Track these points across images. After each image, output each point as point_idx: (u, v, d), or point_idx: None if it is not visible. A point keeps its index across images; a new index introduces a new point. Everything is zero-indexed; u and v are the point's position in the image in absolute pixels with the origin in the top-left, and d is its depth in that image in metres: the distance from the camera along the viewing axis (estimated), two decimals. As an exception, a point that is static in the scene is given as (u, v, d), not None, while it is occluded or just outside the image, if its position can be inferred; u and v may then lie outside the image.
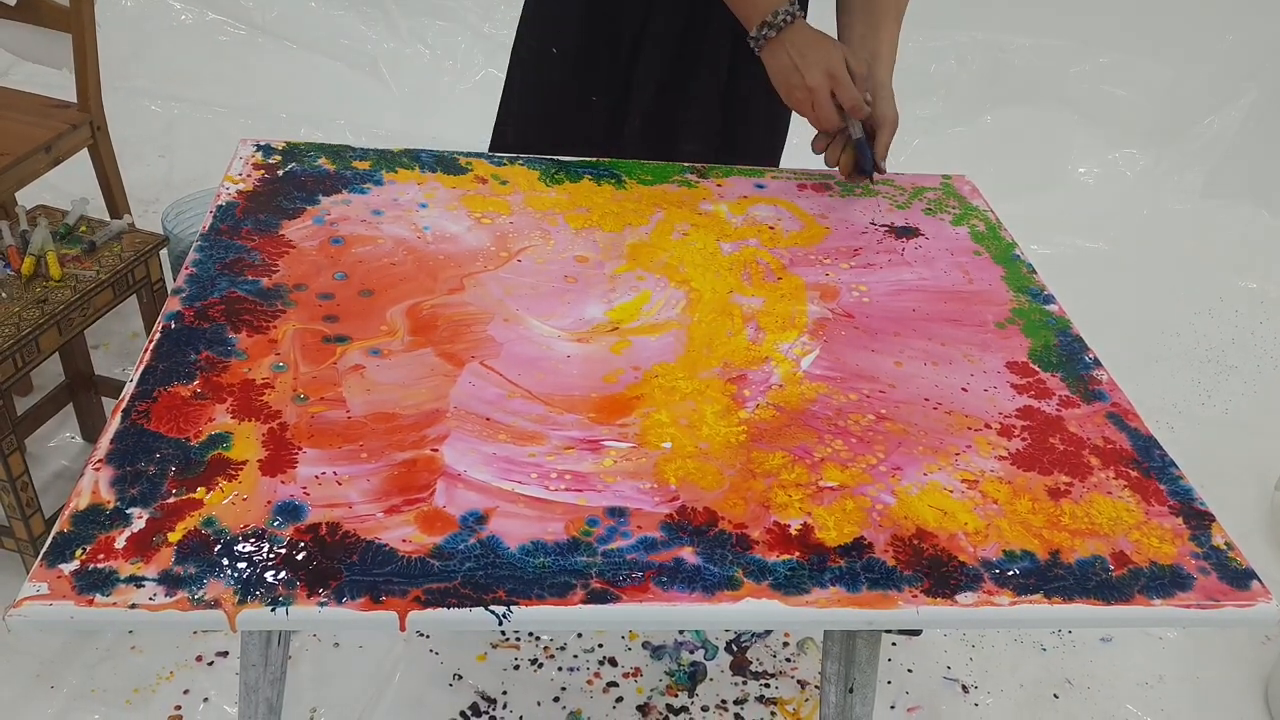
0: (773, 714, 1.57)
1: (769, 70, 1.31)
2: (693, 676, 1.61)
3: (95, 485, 0.84)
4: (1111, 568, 0.88)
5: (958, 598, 0.84)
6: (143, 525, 0.81)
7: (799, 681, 1.63)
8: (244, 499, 0.85)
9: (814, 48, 1.27)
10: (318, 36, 3.37)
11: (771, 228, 1.33)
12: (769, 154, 1.60)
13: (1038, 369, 1.12)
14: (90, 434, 1.92)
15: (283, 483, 0.87)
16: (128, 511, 0.82)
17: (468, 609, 0.78)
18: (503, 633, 1.63)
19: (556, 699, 1.56)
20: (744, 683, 1.62)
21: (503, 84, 1.56)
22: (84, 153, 2.06)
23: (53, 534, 0.79)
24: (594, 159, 1.42)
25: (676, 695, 1.59)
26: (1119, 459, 1.01)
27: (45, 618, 0.75)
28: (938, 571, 0.86)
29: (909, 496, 0.93)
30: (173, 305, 1.06)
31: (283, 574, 0.79)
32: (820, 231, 1.33)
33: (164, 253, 1.76)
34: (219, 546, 0.80)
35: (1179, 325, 2.63)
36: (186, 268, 1.11)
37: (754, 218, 1.35)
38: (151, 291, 1.66)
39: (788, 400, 1.04)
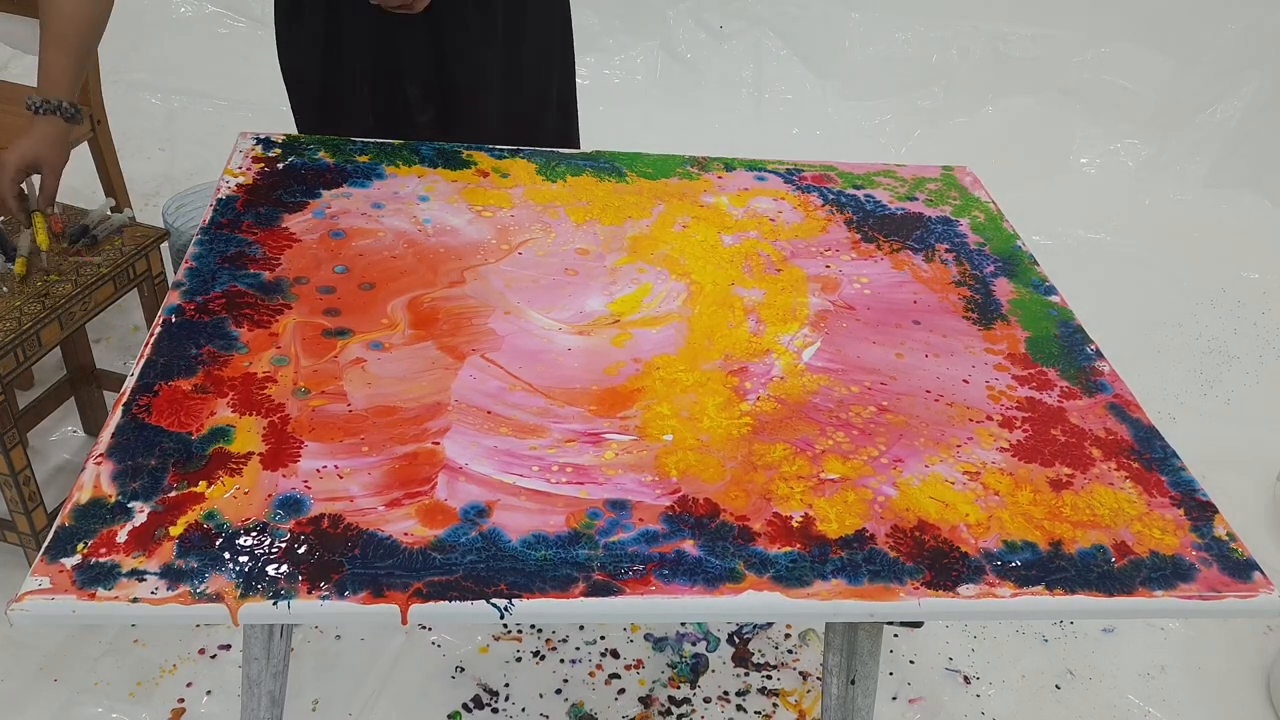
0: (775, 705, 1.58)
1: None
2: (695, 668, 1.62)
3: (97, 479, 0.84)
4: (1113, 559, 0.88)
5: (959, 589, 0.84)
6: (144, 519, 0.81)
7: (801, 673, 1.63)
8: (245, 493, 0.85)
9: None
10: (317, 29, 3.35)
11: (772, 220, 1.33)
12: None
13: (1037, 362, 1.12)
14: (92, 428, 1.92)
15: (284, 476, 0.87)
16: (129, 505, 0.82)
17: (469, 602, 0.78)
18: (504, 625, 1.64)
19: (559, 691, 1.56)
20: (746, 674, 1.62)
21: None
22: (84, 146, 2.05)
23: (54, 528, 0.80)
24: (593, 152, 1.42)
25: (679, 687, 1.59)
26: (1120, 450, 1.01)
27: (47, 612, 0.75)
28: (939, 563, 0.86)
29: (910, 488, 0.93)
30: (173, 299, 1.05)
31: (284, 568, 0.79)
32: (821, 223, 1.33)
33: (165, 246, 1.76)
34: (220, 540, 0.80)
35: (1181, 316, 2.62)
36: (187, 261, 1.11)
37: (755, 210, 1.34)
38: (153, 285, 1.66)
39: (789, 392, 1.04)
